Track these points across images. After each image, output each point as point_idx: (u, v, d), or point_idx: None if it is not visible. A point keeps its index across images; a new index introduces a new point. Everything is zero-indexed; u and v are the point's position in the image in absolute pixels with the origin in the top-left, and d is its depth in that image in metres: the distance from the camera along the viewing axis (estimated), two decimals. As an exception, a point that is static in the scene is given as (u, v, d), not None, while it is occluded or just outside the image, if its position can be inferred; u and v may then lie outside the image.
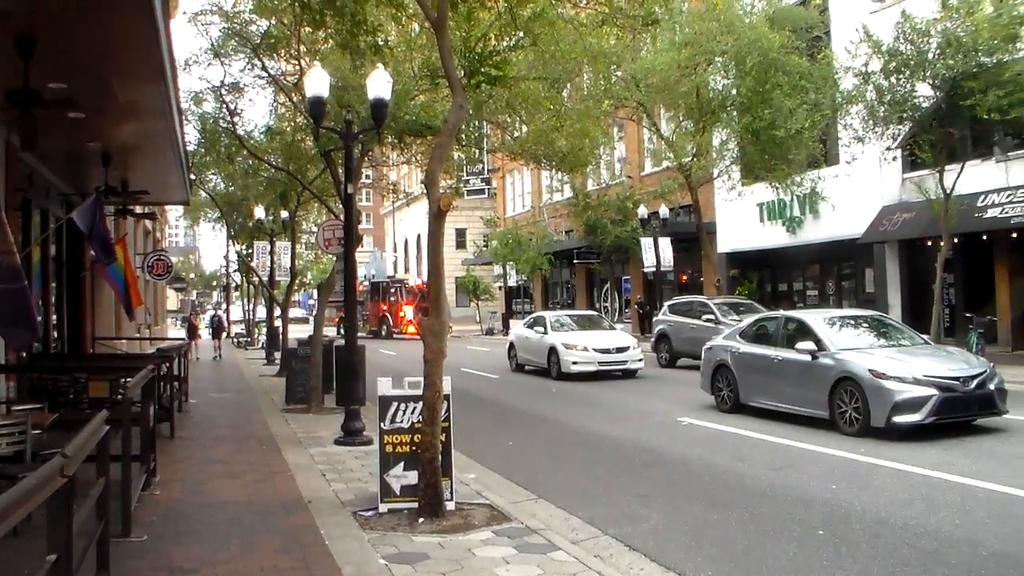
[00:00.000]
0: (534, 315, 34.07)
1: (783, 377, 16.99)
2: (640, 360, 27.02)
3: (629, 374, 26.80)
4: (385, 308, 63.04)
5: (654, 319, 33.05)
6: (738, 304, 30.69)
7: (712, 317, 28.21)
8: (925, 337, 18.00)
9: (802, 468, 12.63)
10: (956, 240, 27.64)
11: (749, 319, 20.41)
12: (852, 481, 11.56)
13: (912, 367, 14.73)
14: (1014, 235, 28.37)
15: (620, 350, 26.79)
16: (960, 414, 14.65)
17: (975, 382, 14.61)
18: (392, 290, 63.67)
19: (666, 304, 32.19)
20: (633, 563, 8.43)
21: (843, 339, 16.40)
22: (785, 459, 13.35)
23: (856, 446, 13.84)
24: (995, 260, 29.60)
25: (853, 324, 17.60)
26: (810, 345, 16.18)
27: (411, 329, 56.65)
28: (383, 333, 61.66)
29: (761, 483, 11.69)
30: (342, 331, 47.20)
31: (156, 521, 9.64)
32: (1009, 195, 27.39)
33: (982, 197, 28.09)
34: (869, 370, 14.80)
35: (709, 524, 9.74)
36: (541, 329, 29.15)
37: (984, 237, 29.24)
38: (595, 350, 26.62)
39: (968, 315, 27.94)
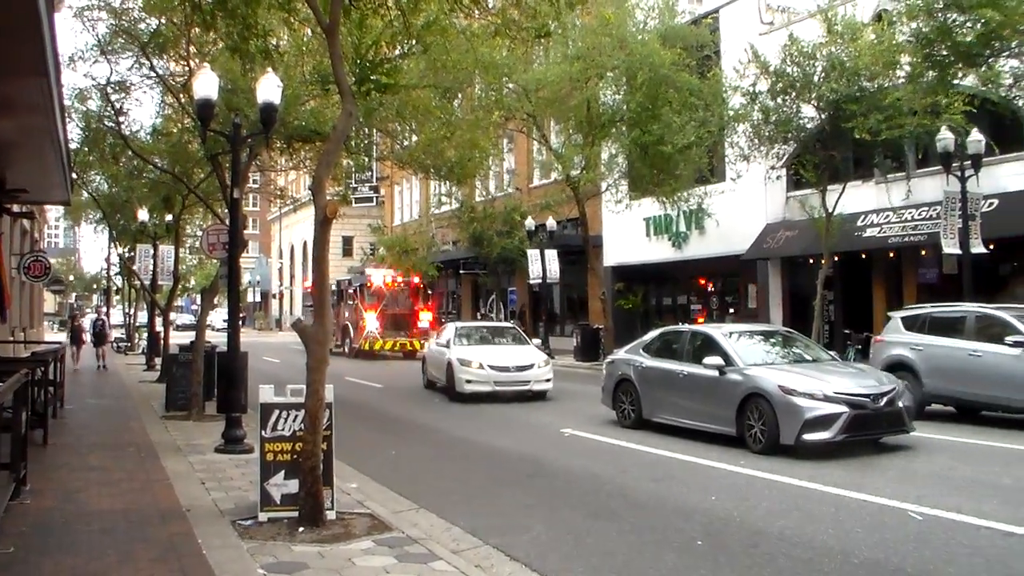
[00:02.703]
0: (447, 326, 29.55)
1: (689, 393, 16.58)
2: (548, 380, 23.74)
3: (536, 396, 23.42)
4: (347, 316, 46.96)
5: (876, 341, 21.18)
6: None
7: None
8: (832, 353, 18.01)
9: (683, 480, 12.81)
10: (836, 258, 28.36)
11: (653, 332, 19.67)
12: (731, 492, 11.76)
13: (823, 384, 14.46)
14: (891, 254, 29.30)
15: (521, 368, 23.49)
16: (870, 432, 14.52)
17: (885, 399, 14.42)
18: (351, 291, 47.62)
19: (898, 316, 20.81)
20: (514, 573, 8.46)
21: (752, 354, 16.08)
22: (666, 471, 13.53)
23: (737, 458, 14.07)
24: (873, 278, 30.52)
25: (762, 339, 17.33)
26: (717, 360, 15.79)
27: (370, 346, 42.88)
28: (345, 350, 45.67)
29: (642, 494, 11.83)
30: None
31: (25, 532, 9.33)
32: (887, 216, 28.26)
33: (862, 217, 28.93)
34: (779, 386, 14.48)
35: (590, 534, 9.81)
36: (445, 342, 25.80)
37: (863, 256, 30.14)
38: (491, 367, 23.35)
39: (847, 331, 28.72)
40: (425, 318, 44.93)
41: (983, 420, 18.17)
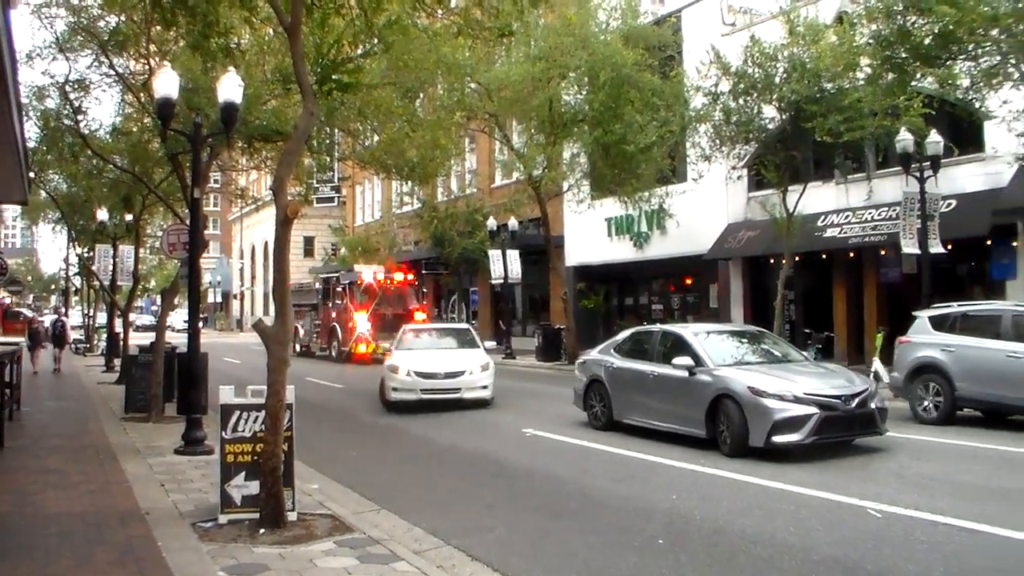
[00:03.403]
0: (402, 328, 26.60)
1: (659, 394, 16.23)
2: (484, 388, 21.74)
3: (476, 404, 21.50)
4: (334, 316, 43.17)
5: (900, 342, 19.37)
6: None
7: None
8: (805, 354, 17.51)
9: (644, 479, 12.85)
10: (797, 258, 28.52)
11: (625, 332, 19.27)
12: (692, 491, 11.81)
13: (793, 385, 14.14)
14: (851, 255, 29.53)
15: (451, 375, 21.48)
16: (841, 434, 14.24)
17: (856, 401, 14.12)
18: (339, 289, 43.38)
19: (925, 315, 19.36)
20: (475, 573, 8.46)
21: (722, 355, 15.68)
22: (627, 471, 13.56)
23: (698, 458, 14.08)
24: (833, 278, 30.74)
25: (733, 339, 17.03)
26: (687, 361, 15.40)
27: (361, 348, 39.46)
28: (332, 353, 42.54)
29: (604, 494, 11.85)
30: (296, 347, 44.87)
31: (-19, 534, 9.25)
32: (847, 216, 28.48)
33: (822, 217, 29.13)
34: (748, 387, 14.13)
35: (552, 534, 9.83)
36: (394, 346, 24.07)
37: (824, 256, 30.34)
38: (417, 374, 21.41)
39: (807, 331, 28.92)
40: (420, 319, 38.86)
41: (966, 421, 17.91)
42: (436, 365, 21.73)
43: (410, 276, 43.61)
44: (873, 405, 14.38)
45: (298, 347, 45.39)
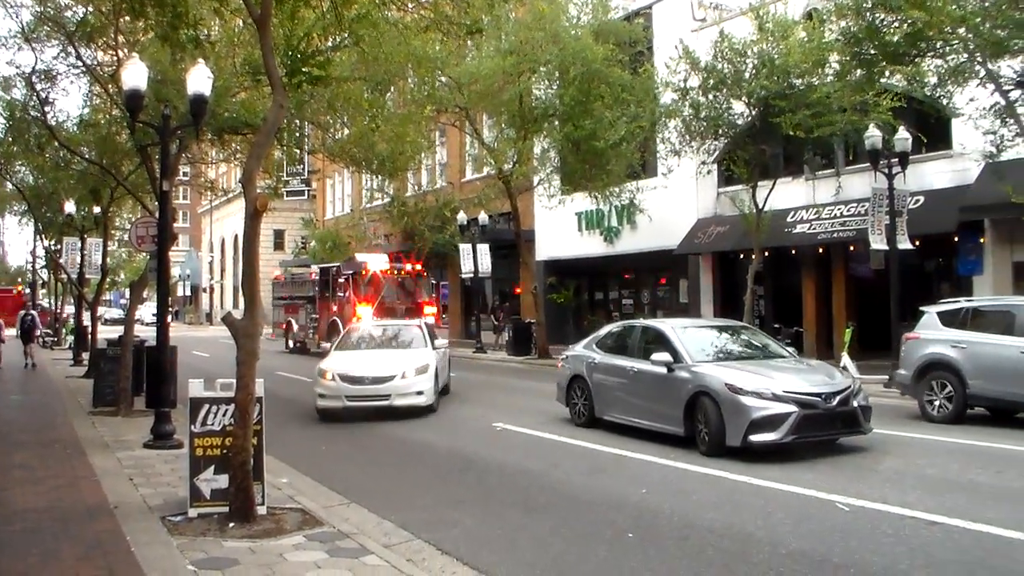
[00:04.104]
0: (348, 327, 25.92)
1: (638, 391, 15.83)
2: (420, 394, 19.25)
3: (411, 413, 19.09)
4: (335, 310, 38.79)
5: (907, 338, 18.71)
6: None
7: None
8: (790, 350, 16.72)
9: (615, 473, 12.90)
10: (767, 254, 28.67)
11: (608, 327, 18.90)
12: (663, 486, 11.85)
13: (771, 382, 13.65)
14: (820, 250, 29.71)
15: (379, 380, 19.11)
16: (821, 433, 13.72)
17: (838, 399, 13.60)
18: (341, 280, 39.01)
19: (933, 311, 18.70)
20: (445, 567, 8.47)
21: (701, 350, 15.20)
22: (597, 464, 13.60)
23: (668, 452, 14.11)
24: (803, 274, 30.91)
25: (715, 334, 16.51)
26: (665, 356, 14.91)
27: None
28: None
29: (574, 488, 11.88)
30: (290, 343, 43.74)
31: (-54, 531, 9.17)
32: (816, 212, 28.65)
33: (792, 213, 29.29)
34: (726, 384, 13.68)
35: (522, 528, 9.86)
36: (333, 347, 22.59)
37: (793, 251, 30.51)
38: (342, 379, 19.18)
39: (776, 326, 29.01)
40: (430, 312, 36.92)
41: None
42: (364, 368, 19.49)
43: (418, 266, 40.42)
44: (856, 403, 13.87)
45: (291, 343, 43.84)
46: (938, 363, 17.45)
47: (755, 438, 13.25)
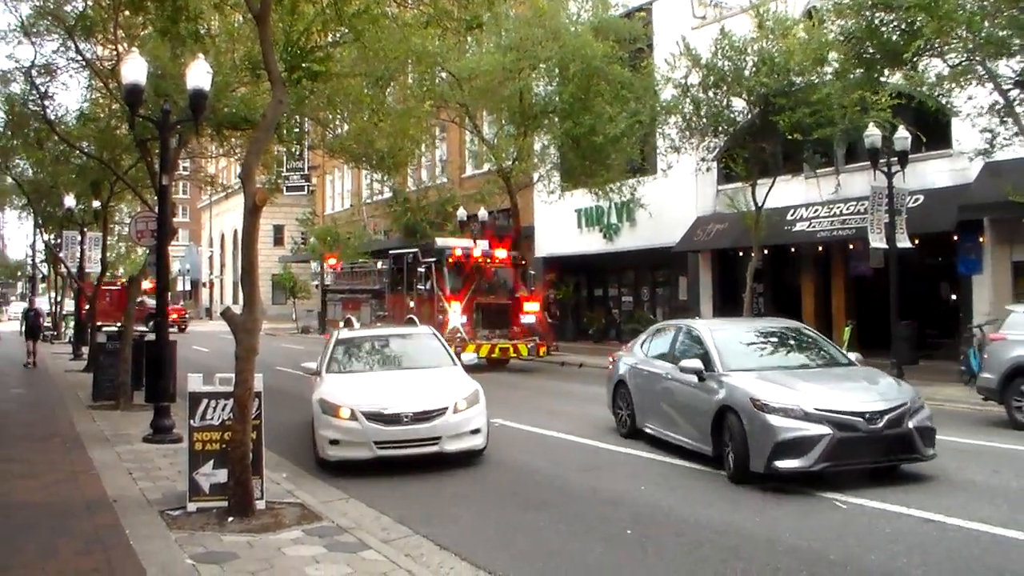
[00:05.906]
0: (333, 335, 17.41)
1: (672, 400, 13.87)
2: (477, 432, 13.37)
3: (466, 458, 13.44)
4: (411, 306, 31.66)
5: (991, 339, 17.30)
6: None
7: None
8: (853, 356, 13.85)
9: (612, 469, 12.90)
10: (766, 251, 28.67)
11: (655, 326, 17.06)
12: (660, 482, 11.86)
13: (805, 396, 11.41)
14: (819, 248, 29.73)
15: (422, 417, 12.97)
16: (863, 460, 11.34)
17: (886, 419, 11.21)
18: (421, 270, 31.34)
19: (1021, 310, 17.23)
20: (444, 562, 8.49)
21: (737, 357, 13.00)
22: (595, 461, 13.59)
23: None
24: (802, 272, 30.93)
25: (759, 337, 14.18)
26: (696, 363, 12.95)
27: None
28: None
29: (572, 484, 11.89)
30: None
31: (-57, 526, 9.18)
32: (816, 210, 28.62)
33: (791, 211, 29.26)
34: (751, 399, 11.57)
35: (520, 524, 9.88)
36: (316, 367, 15.81)
37: (792, 249, 30.52)
38: (368, 418, 12.81)
39: (776, 325, 28.99)
40: (531, 310, 30.63)
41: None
42: (397, 401, 13.17)
43: (515, 253, 32.44)
44: (911, 424, 11.42)
45: None
46: None
47: (780, 464, 11.11)
